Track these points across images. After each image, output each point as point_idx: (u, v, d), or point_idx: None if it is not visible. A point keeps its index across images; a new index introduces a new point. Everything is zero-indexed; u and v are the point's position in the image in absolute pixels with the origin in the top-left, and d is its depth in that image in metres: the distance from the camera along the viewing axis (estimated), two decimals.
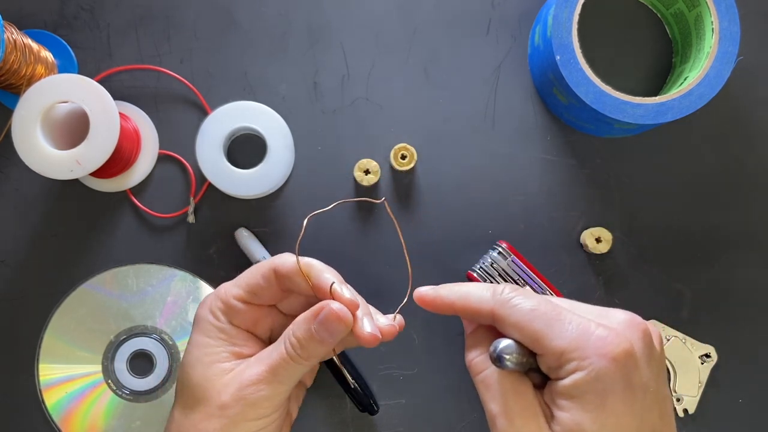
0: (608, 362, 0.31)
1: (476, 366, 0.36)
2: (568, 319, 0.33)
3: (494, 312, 0.35)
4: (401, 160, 0.51)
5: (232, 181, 0.50)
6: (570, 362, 0.32)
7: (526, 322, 0.33)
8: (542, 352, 0.33)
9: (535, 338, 0.33)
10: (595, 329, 0.32)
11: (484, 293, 0.36)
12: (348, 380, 0.50)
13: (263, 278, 0.40)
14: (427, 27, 0.53)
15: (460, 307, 0.37)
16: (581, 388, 0.31)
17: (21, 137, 0.46)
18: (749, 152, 0.53)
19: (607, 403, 0.31)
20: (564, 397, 0.32)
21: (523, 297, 0.34)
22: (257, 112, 0.51)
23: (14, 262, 0.52)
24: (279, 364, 0.37)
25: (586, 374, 0.31)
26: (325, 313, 0.37)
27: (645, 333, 0.34)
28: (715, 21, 0.48)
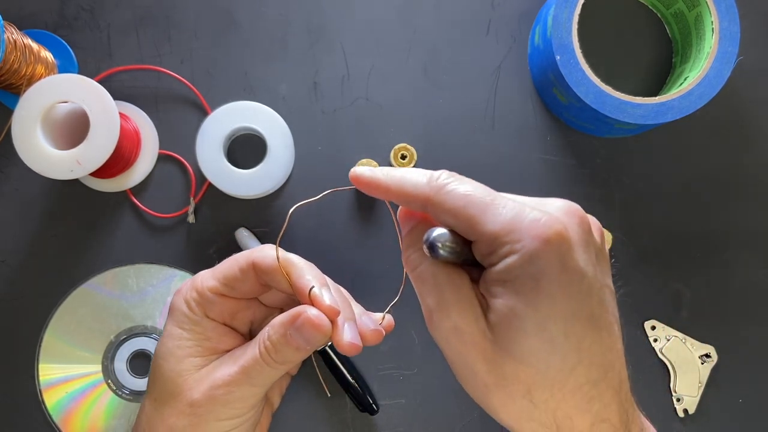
0: (541, 243, 0.29)
1: (412, 261, 0.33)
2: (502, 203, 0.31)
3: (429, 198, 0.32)
4: (401, 160, 0.51)
5: (232, 181, 0.50)
6: (503, 246, 0.30)
7: (459, 207, 0.31)
8: (476, 238, 0.31)
9: (468, 224, 0.31)
10: (530, 213, 0.30)
11: (420, 178, 0.33)
12: (348, 380, 0.50)
13: (241, 271, 0.38)
14: (427, 27, 0.53)
15: (396, 190, 0.34)
16: (513, 271, 0.29)
17: (21, 137, 0.46)
18: (749, 152, 0.53)
19: (541, 286, 0.29)
20: (497, 283, 0.30)
21: (459, 182, 0.32)
22: (257, 112, 0.51)
23: (14, 262, 0.52)
24: (251, 366, 0.36)
25: (518, 257, 0.29)
26: (301, 320, 0.35)
27: (582, 219, 0.32)
28: (715, 21, 0.48)
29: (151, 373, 0.39)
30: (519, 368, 0.29)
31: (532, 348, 0.29)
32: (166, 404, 0.37)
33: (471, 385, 0.32)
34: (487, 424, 0.52)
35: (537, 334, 0.29)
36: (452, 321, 0.31)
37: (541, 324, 0.29)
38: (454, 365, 0.32)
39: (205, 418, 0.36)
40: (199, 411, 0.36)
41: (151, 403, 0.38)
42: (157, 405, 0.38)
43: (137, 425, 0.39)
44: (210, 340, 0.38)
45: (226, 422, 0.37)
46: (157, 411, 0.38)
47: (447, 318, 0.31)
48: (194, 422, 0.36)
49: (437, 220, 0.33)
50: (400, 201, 0.34)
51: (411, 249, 0.34)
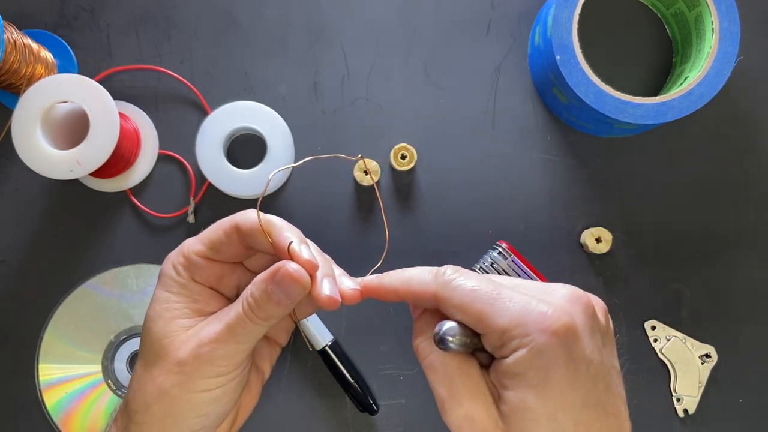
0: (549, 337, 0.31)
1: (423, 350, 0.35)
2: (509, 297, 0.32)
3: (436, 295, 0.34)
4: (401, 160, 0.51)
5: (232, 181, 0.50)
6: (512, 340, 0.31)
7: (467, 302, 0.33)
8: (485, 332, 0.33)
9: (477, 318, 0.32)
10: (536, 305, 0.32)
11: (426, 276, 0.35)
12: (348, 380, 0.50)
13: (225, 235, 0.39)
14: (427, 27, 0.53)
15: (404, 292, 0.36)
16: (524, 364, 0.31)
17: (21, 137, 0.46)
18: (749, 152, 0.53)
19: (550, 378, 0.31)
20: (508, 375, 0.32)
21: (465, 277, 0.34)
22: (257, 112, 0.51)
23: (14, 262, 0.52)
24: (236, 323, 0.37)
25: (527, 351, 0.31)
26: (281, 274, 0.36)
27: (587, 306, 0.33)
28: (715, 21, 0.48)
29: (141, 337, 0.40)
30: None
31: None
32: (155, 365, 0.38)
33: None
34: None
35: (547, 424, 0.31)
36: (464, 410, 0.33)
37: (552, 415, 0.30)
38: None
39: (192, 376, 0.37)
40: (185, 369, 0.37)
41: (142, 365, 0.39)
42: (146, 366, 0.39)
43: (129, 387, 0.40)
44: (197, 303, 0.39)
45: (212, 380, 0.37)
46: (146, 372, 0.38)
47: (459, 407, 0.33)
48: (181, 380, 0.37)
49: (445, 313, 0.34)
50: (411, 300, 0.36)
51: (421, 337, 0.36)
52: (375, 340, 0.52)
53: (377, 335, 0.52)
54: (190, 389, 0.37)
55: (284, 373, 0.52)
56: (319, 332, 0.50)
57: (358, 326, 0.52)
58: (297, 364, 0.52)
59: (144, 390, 0.38)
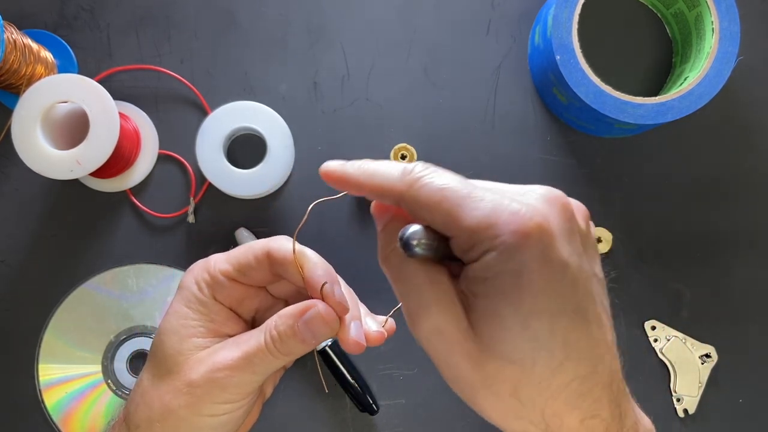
0: (521, 238, 0.27)
1: (389, 261, 0.32)
2: (479, 196, 0.29)
3: (402, 193, 0.31)
4: (401, 160, 0.51)
5: (232, 181, 0.50)
6: (482, 242, 0.28)
7: (435, 202, 0.29)
8: (453, 234, 0.30)
9: (445, 219, 0.29)
10: (508, 205, 0.28)
11: (393, 172, 0.32)
12: (348, 380, 0.50)
13: (255, 259, 0.38)
14: (427, 27, 0.53)
15: (367, 185, 0.33)
16: (493, 268, 0.28)
17: (21, 137, 0.46)
18: (749, 152, 0.53)
19: (522, 282, 0.28)
20: (477, 281, 0.29)
21: (434, 174, 0.31)
22: (257, 112, 0.50)
23: (14, 262, 0.52)
24: (255, 353, 0.36)
25: (497, 254, 0.28)
26: (311, 314, 0.35)
27: (564, 207, 0.30)
28: (715, 21, 0.48)
29: (152, 348, 0.39)
30: (504, 367, 0.28)
31: (516, 346, 0.28)
32: (164, 381, 0.37)
33: (457, 385, 0.31)
34: (486, 425, 0.52)
35: (520, 332, 0.28)
36: (433, 321, 0.30)
37: (525, 321, 0.28)
38: (439, 366, 0.31)
39: (201, 399, 0.36)
40: (196, 392, 0.36)
41: (149, 378, 0.38)
42: (154, 381, 0.38)
43: (131, 398, 0.39)
44: (214, 323, 0.38)
45: (221, 406, 0.37)
46: (154, 386, 0.37)
47: (427, 319, 0.30)
48: (190, 402, 0.36)
49: (412, 215, 0.31)
50: (373, 196, 0.33)
51: (387, 247, 0.33)
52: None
53: None
54: (198, 412, 0.36)
55: (284, 373, 0.52)
56: None
57: None
58: (297, 364, 0.52)
59: (150, 405, 0.37)
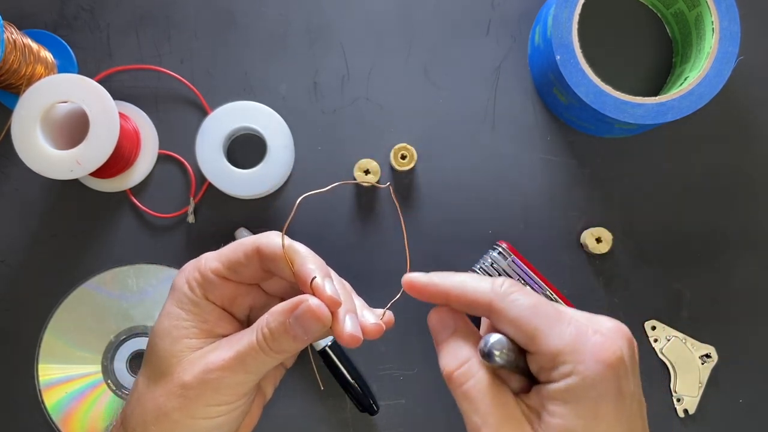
0: (604, 368, 0.31)
1: (457, 378, 0.34)
2: (567, 320, 0.32)
3: (492, 304, 0.33)
4: (401, 160, 0.51)
5: (232, 181, 0.50)
6: (564, 365, 0.31)
7: (525, 318, 0.32)
8: (537, 351, 0.32)
9: (532, 335, 0.32)
10: (593, 335, 0.31)
11: (482, 284, 0.34)
12: (348, 380, 0.50)
13: (245, 256, 0.38)
14: (427, 27, 0.53)
15: (456, 295, 0.35)
16: (575, 393, 0.31)
17: (21, 137, 0.46)
18: (749, 152, 0.53)
19: (600, 411, 0.31)
20: (555, 401, 0.31)
21: (523, 293, 0.33)
22: (257, 112, 0.51)
23: (14, 262, 0.52)
24: (248, 353, 0.36)
25: (581, 379, 0.31)
26: (302, 309, 0.35)
27: (630, 341, 0.34)
28: (715, 21, 0.47)
29: (146, 350, 0.39)
30: None
31: None
32: (158, 383, 0.37)
33: None
34: None
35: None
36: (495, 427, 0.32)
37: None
38: None
39: (195, 401, 0.36)
40: (189, 393, 0.36)
41: (144, 380, 0.38)
42: (149, 383, 0.37)
43: (128, 401, 0.39)
44: (207, 323, 0.38)
45: (215, 408, 0.36)
46: (148, 389, 0.37)
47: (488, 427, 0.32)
48: (183, 404, 0.36)
49: (496, 326, 0.34)
50: (460, 306, 0.35)
51: (453, 363, 0.34)
52: (375, 340, 0.52)
53: None
54: (192, 415, 0.36)
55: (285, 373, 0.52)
56: None
57: None
58: (297, 364, 0.52)
59: (144, 408, 0.37)
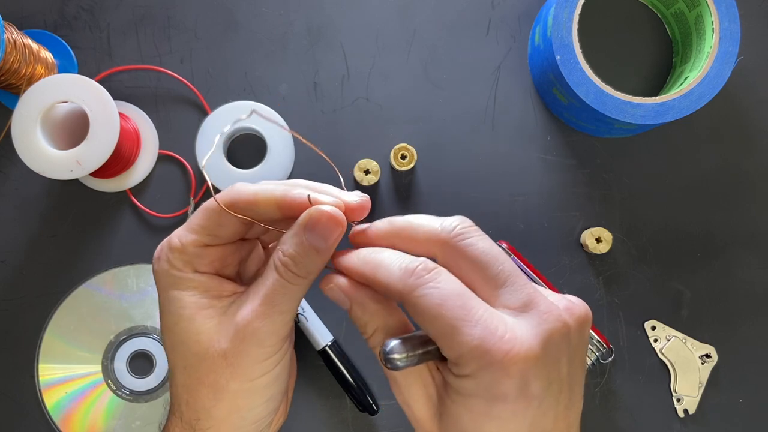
0: (503, 374, 0.29)
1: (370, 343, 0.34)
2: (474, 320, 0.30)
3: (402, 296, 0.31)
4: (401, 160, 0.51)
5: (232, 181, 0.50)
6: (466, 367, 0.30)
7: (430, 318, 0.30)
8: (443, 348, 0.31)
9: (438, 335, 0.31)
10: (500, 338, 0.29)
11: (395, 271, 0.32)
12: (348, 380, 0.50)
13: (217, 215, 0.36)
14: (427, 27, 0.53)
15: (373, 281, 0.33)
16: (469, 391, 0.30)
17: (21, 137, 0.46)
18: (749, 152, 0.53)
19: (493, 411, 0.30)
20: (453, 390, 0.31)
21: (435, 285, 0.31)
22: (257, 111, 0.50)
23: (14, 262, 0.52)
24: (275, 290, 0.34)
25: (475, 383, 0.30)
26: (316, 218, 0.33)
27: (569, 327, 0.31)
28: (715, 21, 0.48)
29: (167, 351, 0.37)
30: None
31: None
32: (200, 366, 0.35)
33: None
34: None
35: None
36: (404, 398, 0.33)
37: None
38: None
39: (243, 363, 0.34)
40: (234, 359, 0.34)
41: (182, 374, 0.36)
42: (188, 372, 0.35)
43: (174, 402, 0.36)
44: (210, 291, 0.36)
45: (266, 362, 0.35)
46: (191, 377, 0.35)
47: (400, 394, 0.34)
48: (234, 372, 0.34)
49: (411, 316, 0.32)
50: (378, 290, 0.34)
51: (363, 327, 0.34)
52: None
53: None
54: (248, 377, 0.34)
55: None
56: (319, 332, 0.50)
57: None
58: (297, 365, 0.52)
59: (197, 395, 0.35)
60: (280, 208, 0.35)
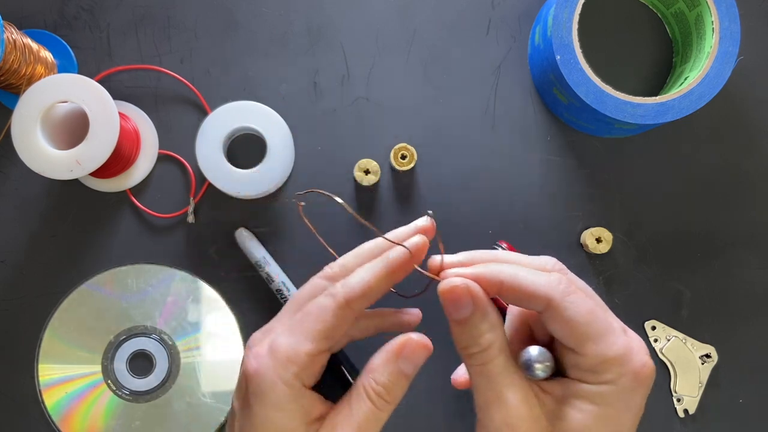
0: (640, 387, 0.33)
1: (478, 358, 0.34)
2: (618, 332, 0.33)
3: (551, 302, 0.33)
4: (401, 160, 0.51)
5: (232, 181, 0.50)
6: (607, 373, 0.32)
7: (581, 322, 0.32)
8: (583, 354, 0.33)
9: (584, 340, 0.32)
10: (638, 352, 0.33)
11: (538, 278, 0.33)
12: (348, 380, 0.50)
13: (340, 319, 0.34)
14: (427, 27, 0.53)
15: (509, 287, 0.34)
16: (608, 399, 0.32)
17: (21, 137, 0.46)
18: (749, 152, 0.53)
19: (621, 420, 0.33)
20: (584, 400, 0.33)
21: (579, 296, 0.33)
22: (257, 112, 0.50)
23: (14, 262, 0.52)
24: (367, 418, 0.34)
25: (618, 391, 0.32)
26: (411, 348, 0.35)
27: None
28: (715, 21, 0.48)
29: None
30: None
31: None
32: None
33: None
34: None
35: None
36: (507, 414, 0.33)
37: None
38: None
39: None
40: None
41: None
42: None
43: None
44: (310, 414, 0.35)
45: None
46: None
47: (503, 412, 0.33)
48: None
49: (546, 322, 0.34)
50: (509, 297, 0.34)
51: (476, 347, 0.34)
52: (375, 340, 0.52)
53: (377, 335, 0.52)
54: None
55: None
56: None
57: None
58: None
59: None
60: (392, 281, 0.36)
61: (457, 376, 0.43)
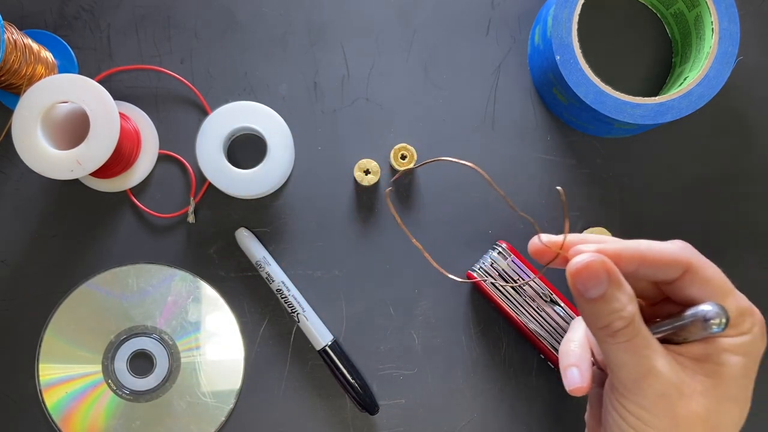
0: (764, 335, 0.36)
1: (624, 333, 0.34)
2: (737, 290, 0.36)
3: (691, 264, 0.35)
4: (401, 160, 0.51)
5: (232, 181, 0.50)
6: (745, 323, 0.35)
7: (720, 278, 0.35)
8: (728, 307, 0.34)
9: (725, 294, 0.35)
10: (751, 305, 0.36)
11: (672, 246, 0.36)
12: (348, 380, 0.50)
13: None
14: (427, 27, 0.53)
15: (651, 258, 0.35)
16: (748, 348, 0.35)
17: (21, 137, 0.46)
18: (749, 152, 0.53)
19: (754, 369, 0.36)
20: (730, 353, 0.35)
21: (704, 258, 0.36)
22: (257, 112, 0.51)
23: (14, 262, 0.52)
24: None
25: (754, 339, 0.35)
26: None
27: None
28: (715, 21, 0.48)
29: None
30: None
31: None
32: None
33: None
34: (487, 425, 0.52)
35: (731, 405, 0.37)
36: (662, 386, 0.34)
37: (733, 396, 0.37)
38: None
39: None
40: None
41: None
42: None
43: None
44: None
45: None
46: None
47: (658, 384, 0.34)
48: None
49: (682, 286, 0.36)
50: (649, 268, 0.36)
51: (620, 322, 0.34)
52: (375, 340, 0.52)
53: (377, 335, 0.52)
54: None
55: (284, 373, 0.52)
56: (319, 332, 0.50)
57: (358, 326, 0.52)
58: (297, 364, 0.52)
59: None
60: None
61: (574, 383, 0.40)
